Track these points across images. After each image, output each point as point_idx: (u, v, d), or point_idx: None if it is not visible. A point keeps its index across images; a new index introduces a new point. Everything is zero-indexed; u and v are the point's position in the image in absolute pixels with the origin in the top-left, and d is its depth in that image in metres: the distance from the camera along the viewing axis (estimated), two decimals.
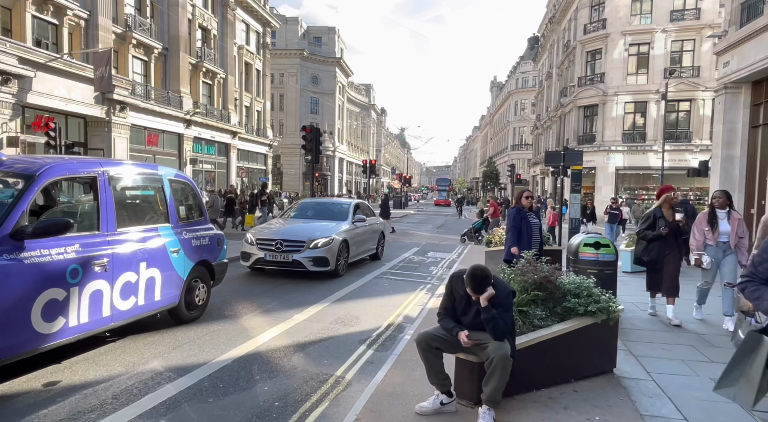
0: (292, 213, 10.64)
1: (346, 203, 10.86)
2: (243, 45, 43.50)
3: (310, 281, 8.57)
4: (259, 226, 9.80)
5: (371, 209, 12.01)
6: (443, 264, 11.99)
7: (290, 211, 10.77)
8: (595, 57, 34.35)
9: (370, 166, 32.34)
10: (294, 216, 10.39)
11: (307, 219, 10.22)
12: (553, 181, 21.80)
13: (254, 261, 8.73)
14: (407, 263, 11.75)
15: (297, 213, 10.63)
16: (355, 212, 10.41)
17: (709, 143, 31.72)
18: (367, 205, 11.92)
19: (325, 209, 10.71)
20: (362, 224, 10.34)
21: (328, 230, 9.06)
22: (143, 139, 29.98)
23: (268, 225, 9.63)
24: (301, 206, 10.91)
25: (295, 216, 10.38)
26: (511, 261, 6.67)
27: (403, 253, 13.65)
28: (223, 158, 39.75)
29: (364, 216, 10.41)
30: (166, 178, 5.32)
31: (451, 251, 14.80)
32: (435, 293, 7.96)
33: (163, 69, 32.55)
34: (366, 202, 12.00)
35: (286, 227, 9.43)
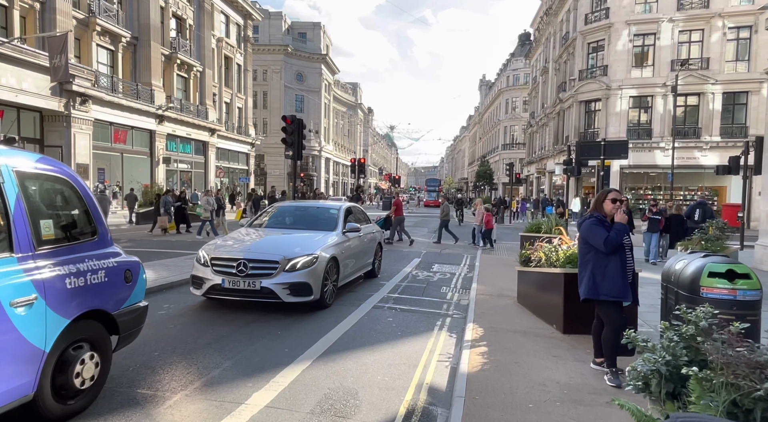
0: (265, 222, 8.26)
1: (335, 207, 8.45)
2: (222, 37, 40.86)
3: (285, 317, 6.18)
4: (219, 239, 7.32)
5: (365, 213, 9.63)
6: (455, 282, 9.66)
7: (262, 219, 8.42)
8: (597, 49, 32.38)
9: (359, 165, 29.98)
10: (267, 226, 8.03)
11: (284, 228, 7.79)
12: (567, 182, 19.62)
13: (208, 290, 6.33)
14: (411, 282, 9.40)
15: (271, 221, 8.18)
16: (346, 218, 8.08)
17: (720, 140, 29.98)
18: (360, 209, 9.57)
19: (308, 216, 8.35)
20: (355, 234, 7.98)
21: (311, 244, 6.72)
22: (109, 135, 27.24)
23: (232, 238, 7.24)
24: (277, 212, 8.48)
25: (269, 226, 7.96)
26: (590, 300, 4.40)
27: (403, 267, 11.29)
28: (201, 157, 37.07)
29: (357, 223, 8.02)
30: (10, 171, 2.88)
31: (458, 262, 12.50)
32: (461, 336, 5.62)
33: (132, 60, 29.81)
34: (359, 206, 9.61)
35: (254, 241, 7.10)
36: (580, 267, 4.54)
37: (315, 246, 6.71)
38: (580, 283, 4.50)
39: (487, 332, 5.57)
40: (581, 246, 4.55)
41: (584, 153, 9.43)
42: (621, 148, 9.30)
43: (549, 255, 6.33)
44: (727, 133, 29.73)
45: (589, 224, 4.38)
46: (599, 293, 4.27)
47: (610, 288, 4.23)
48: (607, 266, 4.28)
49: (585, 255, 4.46)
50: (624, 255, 4.33)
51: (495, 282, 9.07)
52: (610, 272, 4.26)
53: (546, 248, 6.51)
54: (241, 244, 6.82)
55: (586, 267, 4.41)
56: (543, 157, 43.97)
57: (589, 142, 10.20)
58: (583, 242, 4.48)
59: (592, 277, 4.31)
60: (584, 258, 4.47)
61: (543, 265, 6.41)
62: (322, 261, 6.58)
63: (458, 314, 6.91)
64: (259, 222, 8.19)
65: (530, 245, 7.75)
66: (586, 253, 4.45)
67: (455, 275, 10.50)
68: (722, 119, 29.80)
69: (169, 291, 7.60)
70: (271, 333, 5.57)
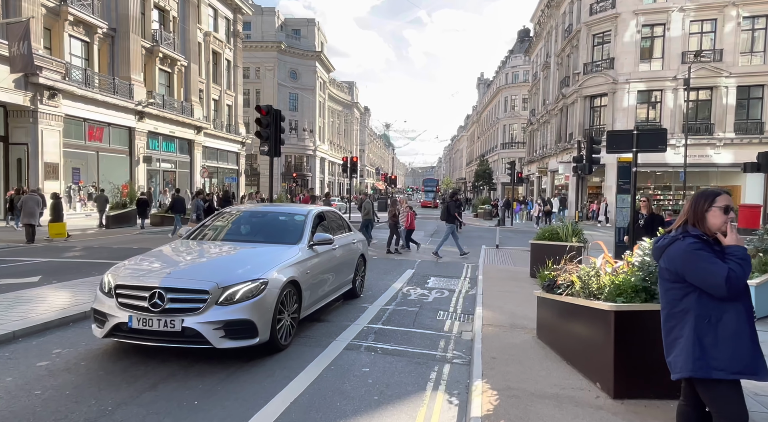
0: (208, 233, 6.41)
1: (301, 213, 6.54)
2: (210, 32, 39.04)
3: (215, 371, 4.37)
4: (134, 258, 5.55)
5: (344, 220, 7.80)
6: (455, 303, 7.88)
7: (205, 229, 6.53)
8: (602, 41, 30.66)
9: (352, 164, 28.15)
10: (209, 238, 6.25)
11: (231, 242, 5.94)
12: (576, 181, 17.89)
13: (110, 331, 4.53)
14: (401, 304, 7.59)
15: (216, 231, 6.44)
16: (315, 227, 6.35)
17: (734, 136, 28.25)
18: (336, 215, 7.80)
19: (265, 224, 6.47)
20: (327, 248, 6.18)
21: (261, 264, 4.96)
22: (83, 132, 25.38)
23: (153, 257, 5.43)
24: (225, 219, 6.77)
25: (212, 238, 6.25)
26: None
27: (393, 281, 9.50)
28: (186, 156, 35.23)
29: (328, 234, 6.24)
30: None
31: (458, 274, 10.73)
32: (466, 408, 3.84)
33: (109, 52, 27.93)
34: (336, 211, 7.76)
35: (180, 261, 5.30)
36: (669, 320, 2.75)
37: (265, 267, 4.91)
38: (669, 348, 2.72)
39: (503, 399, 3.79)
40: (669, 287, 2.76)
41: (612, 145, 7.65)
42: (658, 138, 7.55)
43: (587, 281, 4.54)
44: (741, 129, 28.03)
45: (688, 249, 2.58)
46: (710, 367, 2.49)
47: (731, 359, 2.46)
48: (721, 320, 2.51)
49: (679, 302, 2.67)
50: (748, 302, 2.56)
51: (504, 304, 7.29)
52: (728, 330, 2.49)
53: (582, 271, 4.72)
54: (161, 265, 4.99)
55: (681, 322, 2.63)
56: (544, 156, 42.24)
57: (619, 132, 8.41)
58: (674, 279, 2.69)
59: (698, 341, 2.53)
60: (677, 307, 2.68)
61: (577, 294, 4.63)
62: (274, 288, 4.78)
63: (460, 358, 5.12)
64: (201, 232, 6.35)
65: (552, 262, 5.98)
66: (681, 298, 2.66)
67: (454, 292, 8.71)
68: (736, 114, 28.09)
69: (75, 326, 5.77)
70: (185, 402, 3.76)
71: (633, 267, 4.37)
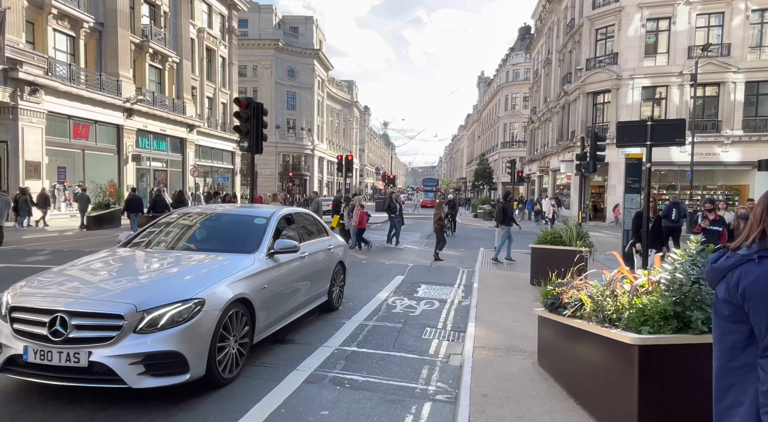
0: (146, 239, 5.41)
1: (263, 215, 5.56)
2: (204, 28, 38.17)
3: (135, 416, 3.48)
4: (49, 272, 4.40)
5: (319, 222, 6.88)
6: (445, 317, 6.96)
7: (147, 234, 5.53)
8: (606, 35, 29.71)
9: (347, 163, 27.22)
10: (148, 245, 5.27)
11: (174, 250, 5.07)
12: (579, 180, 17.01)
13: (4, 364, 3.57)
14: (383, 318, 6.66)
15: (159, 237, 5.44)
16: (278, 233, 5.44)
17: (742, 133, 27.27)
18: (309, 217, 6.87)
19: (217, 229, 5.53)
20: (292, 257, 5.26)
21: (200, 279, 4.08)
22: (68, 130, 24.48)
23: (70, 269, 4.42)
24: (170, 224, 5.75)
25: (152, 245, 5.28)
26: None
27: (378, 291, 8.58)
28: (178, 155, 34.33)
29: (292, 241, 5.28)
30: None
31: (451, 281, 9.82)
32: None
33: (96, 47, 27.04)
34: (310, 213, 6.79)
35: (100, 275, 4.32)
36: (725, 376, 1.81)
37: (204, 283, 3.98)
38: (722, 418, 1.79)
39: None
40: (728, 328, 1.81)
41: (623, 138, 6.74)
42: (676, 129, 6.63)
43: (600, 302, 3.62)
44: (750, 126, 27.06)
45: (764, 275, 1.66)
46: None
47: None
48: None
49: (742, 352, 1.73)
50: None
51: (501, 319, 6.38)
52: None
53: (594, 289, 3.81)
54: (73, 282, 4.05)
55: (743, 383, 1.70)
56: (546, 155, 41.30)
57: (630, 123, 7.48)
58: (738, 318, 1.75)
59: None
60: (738, 359, 1.73)
61: (588, 317, 3.71)
62: (214, 310, 3.86)
63: (445, 393, 4.21)
64: (140, 239, 5.41)
65: (555, 271, 5.08)
66: (745, 347, 1.73)
67: (446, 303, 7.79)
68: (745, 111, 27.13)
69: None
70: None
71: (659, 286, 3.45)
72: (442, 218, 13.59)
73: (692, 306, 3.13)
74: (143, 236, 5.46)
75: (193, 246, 5.07)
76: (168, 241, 5.27)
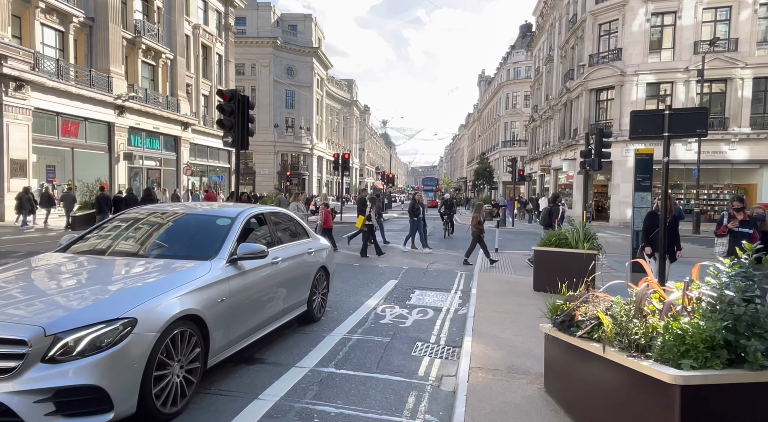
0: (87, 243, 4.61)
1: (228, 215, 4.79)
2: (200, 24, 37.45)
3: None
4: None
5: (299, 223, 6.20)
6: (440, 328, 6.25)
7: (91, 237, 4.77)
8: (609, 31, 28.97)
9: (344, 161, 26.55)
10: (90, 251, 4.43)
11: (116, 255, 4.34)
12: (584, 178, 16.30)
13: None
14: (369, 331, 5.94)
15: (104, 240, 4.63)
16: (244, 236, 4.70)
17: (750, 131, 26.51)
18: (286, 217, 6.12)
19: (173, 230, 4.74)
20: (260, 263, 4.56)
21: (134, 293, 3.36)
22: (56, 127, 23.78)
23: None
24: (119, 225, 4.94)
25: (92, 250, 4.44)
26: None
27: (367, 297, 7.86)
28: (172, 153, 33.61)
29: (259, 245, 4.46)
30: None
31: (448, 286, 9.11)
32: None
33: (87, 43, 26.34)
34: (287, 213, 6.03)
35: (13, 287, 3.53)
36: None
37: (139, 297, 3.26)
38: None
39: None
40: None
41: (637, 129, 6.03)
42: (697, 119, 5.91)
43: (624, 323, 2.91)
44: (758, 123, 26.30)
45: None
46: None
47: None
48: None
49: None
50: None
51: (501, 332, 5.67)
52: None
53: (616, 307, 3.10)
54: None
55: None
56: (547, 153, 40.57)
57: (646, 113, 6.76)
58: None
59: None
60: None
61: (609, 341, 2.99)
62: (149, 331, 3.14)
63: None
64: (81, 243, 4.66)
65: (561, 275, 4.37)
66: None
67: (440, 312, 7.07)
68: (752, 108, 26.37)
69: None
70: None
71: (700, 305, 2.74)
72: (482, 222, 12.32)
73: (748, 333, 2.42)
74: (84, 240, 4.73)
75: (140, 252, 4.35)
76: (110, 246, 4.53)
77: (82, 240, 4.71)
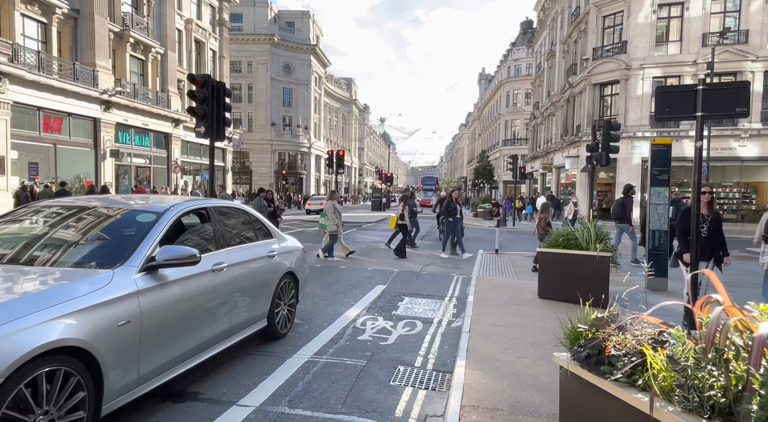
0: None
1: (154, 210, 3.74)
2: (192, 19, 36.46)
3: None
4: None
5: (259, 220, 5.13)
6: (428, 346, 5.23)
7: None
8: (614, 23, 27.92)
9: (338, 158, 25.54)
10: None
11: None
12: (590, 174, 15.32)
13: None
14: (343, 351, 4.89)
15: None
16: (174, 234, 3.79)
17: (761, 127, 25.50)
18: (241, 213, 5.08)
19: (77, 227, 3.69)
20: (193, 271, 3.56)
21: None
22: (38, 123, 22.77)
23: None
24: (18, 218, 3.96)
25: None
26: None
27: (348, 306, 6.84)
28: (163, 151, 32.59)
29: (190, 248, 3.40)
30: None
31: (441, 293, 8.10)
32: None
33: (71, 35, 25.33)
34: (242, 208, 4.97)
35: None
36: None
37: None
38: None
39: None
40: None
41: (664, 108, 5.03)
42: (737, 95, 4.93)
43: (690, 371, 1.87)
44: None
45: None
46: None
47: None
48: None
49: None
50: None
51: (501, 353, 4.66)
52: None
53: (674, 341, 2.07)
54: None
55: None
56: (549, 151, 39.56)
57: (674, 89, 5.74)
58: None
59: None
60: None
61: (664, 395, 1.96)
62: None
63: None
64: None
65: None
66: None
67: (430, 325, 6.06)
68: (763, 103, 25.33)
69: None
70: None
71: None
72: (550, 223, 11.00)
73: None
74: None
75: (16, 257, 3.32)
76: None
77: None
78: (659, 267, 8.41)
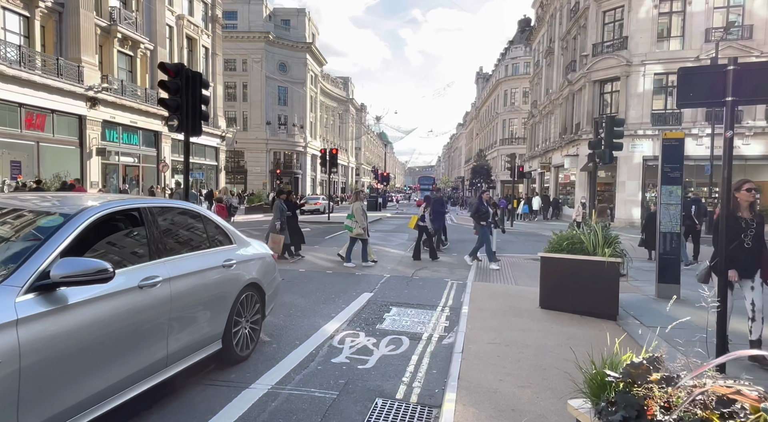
0: None
1: (65, 210, 2.95)
2: (184, 15, 35.66)
3: None
4: None
5: (218, 226, 4.32)
6: (414, 370, 4.48)
7: None
8: (614, 18, 27.23)
9: (331, 157, 24.79)
10: None
11: None
12: (592, 172, 14.61)
13: None
14: (310, 379, 4.06)
15: None
16: (88, 242, 2.91)
17: (765, 125, 24.82)
18: (190, 213, 4.26)
19: None
20: (106, 289, 2.79)
21: None
22: (19, 120, 21.97)
23: None
24: None
25: None
26: None
27: (327, 319, 6.10)
28: (153, 150, 31.79)
29: (99, 262, 2.58)
30: None
31: (433, 302, 7.36)
32: None
33: (56, 30, 24.51)
34: (192, 208, 4.21)
35: None
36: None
37: None
38: None
39: None
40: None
41: (687, 93, 4.33)
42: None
43: None
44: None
45: None
46: None
47: None
48: None
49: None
50: None
51: (499, 382, 3.91)
52: None
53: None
54: None
55: None
56: (548, 150, 38.87)
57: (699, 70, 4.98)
58: None
59: None
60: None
61: None
62: None
63: None
64: None
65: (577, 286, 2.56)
66: None
67: (419, 343, 5.31)
68: None
69: None
70: None
71: None
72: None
73: None
74: None
75: None
76: None
77: None
78: (671, 273, 7.71)
